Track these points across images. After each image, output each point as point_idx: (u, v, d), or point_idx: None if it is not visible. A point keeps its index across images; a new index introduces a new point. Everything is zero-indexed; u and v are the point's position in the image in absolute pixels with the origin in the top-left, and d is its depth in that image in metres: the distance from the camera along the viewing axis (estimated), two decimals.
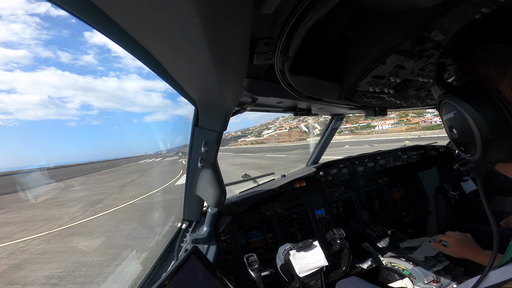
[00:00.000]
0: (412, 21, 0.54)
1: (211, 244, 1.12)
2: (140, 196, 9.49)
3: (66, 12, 0.33)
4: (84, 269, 3.85)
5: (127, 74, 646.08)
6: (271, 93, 0.84)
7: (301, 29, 0.43)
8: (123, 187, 13.12)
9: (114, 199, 9.71)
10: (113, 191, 12.07)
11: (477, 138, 0.34)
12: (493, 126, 0.33)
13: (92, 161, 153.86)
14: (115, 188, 13.09)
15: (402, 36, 0.58)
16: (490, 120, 0.33)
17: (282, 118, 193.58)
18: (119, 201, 9.23)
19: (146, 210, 7.46)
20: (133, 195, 10.03)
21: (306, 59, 0.71)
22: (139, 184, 13.83)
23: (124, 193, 11.17)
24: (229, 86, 0.57)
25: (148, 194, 9.83)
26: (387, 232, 1.71)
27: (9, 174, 56.92)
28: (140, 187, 12.71)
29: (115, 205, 8.48)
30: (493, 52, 0.36)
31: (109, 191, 12.24)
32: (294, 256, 1.04)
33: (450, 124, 0.39)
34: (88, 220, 7.01)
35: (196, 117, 0.85)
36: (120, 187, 13.25)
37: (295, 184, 1.68)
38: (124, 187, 13.09)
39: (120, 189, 12.34)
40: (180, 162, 28.33)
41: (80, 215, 7.77)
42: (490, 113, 0.33)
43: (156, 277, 1.01)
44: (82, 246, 5.02)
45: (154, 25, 0.35)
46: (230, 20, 0.34)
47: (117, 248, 4.52)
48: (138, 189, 11.99)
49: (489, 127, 0.33)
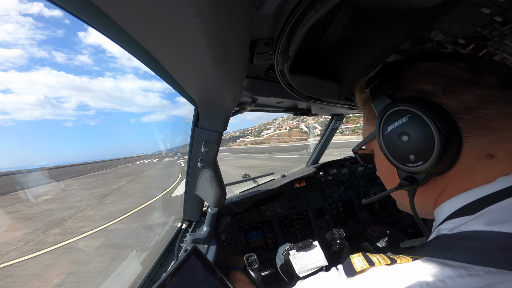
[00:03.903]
0: (412, 21, 0.54)
1: (211, 244, 1.12)
2: (120, 216, 6.55)
3: (60, 12, 0.33)
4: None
5: (123, 74, 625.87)
6: (271, 93, 0.84)
7: (301, 29, 0.43)
8: (104, 197, 10.33)
9: (83, 219, 7.01)
10: (89, 203, 9.32)
11: (436, 136, 0.35)
12: (448, 124, 0.35)
13: (88, 161, 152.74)
14: (94, 198, 10.41)
15: (402, 36, 0.58)
16: (444, 119, 0.35)
17: (281, 118, 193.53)
18: (89, 222, 6.49)
19: (122, 247, 4.42)
20: (112, 213, 7.21)
21: (306, 59, 0.71)
22: (126, 194, 10.84)
23: (101, 207, 8.44)
24: (229, 86, 0.57)
25: (132, 213, 6.86)
26: (387, 232, 1.71)
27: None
28: (125, 198, 9.70)
29: (79, 231, 5.75)
30: (429, 69, 0.39)
31: (84, 203, 9.53)
32: (294, 256, 1.04)
33: (402, 130, 0.39)
34: (10, 264, 4.11)
35: (196, 117, 0.85)
36: (101, 197, 10.50)
37: (295, 184, 1.68)
38: (106, 197, 10.28)
39: (99, 201, 9.57)
40: (178, 164, 26.04)
41: (15, 250, 4.91)
42: (441, 113, 0.35)
43: (156, 277, 1.01)
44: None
45: (154, 25, 0.35)
46: (230, 20, 0.34)
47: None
48: (122, 201, 9.01)
49: (447, 123, 0.35)
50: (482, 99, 0.35)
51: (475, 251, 0.28)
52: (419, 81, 0.40)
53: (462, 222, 0.33)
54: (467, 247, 0.29)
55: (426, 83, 0.39)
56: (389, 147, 0.41)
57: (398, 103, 0.39)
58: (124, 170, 27.86)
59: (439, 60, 0.39)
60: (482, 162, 0.35)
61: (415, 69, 0.41)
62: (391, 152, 0.41)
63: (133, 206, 7.66)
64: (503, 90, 0.35)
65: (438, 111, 0.36)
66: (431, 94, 0.38)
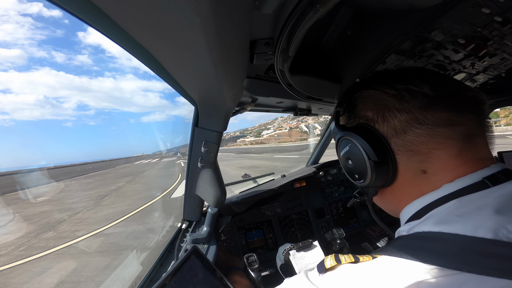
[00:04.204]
0: (412, 21, 0.54)
1: (211, 244, 1.12)
2: (117, 219, 6.34)
3: (59, 12, 0.33)
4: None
5: (123, 74, 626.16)
6: (271, 93, 0.84)
7: (301, 29, 0.43)
8: (102, 198, 10.01)
9: (78, 222, 6.71)
10: (85, 205, 9.04)
11: (367, 162, 0.42)
12: (376, 151, 0.41)
13: (88, 161, 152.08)
14: (91, 199, 10.08)
15: (402, 36, 0.58)
16: (374, 146, 0.41)
17: (281, 118, 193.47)
18: (84, 226, 6.20)
19: (117, 253, 4.11)
20: (109, 215, 6.96)
21: (306, 59, 0.71)
22: (124, 195, 10.51)
23: (98, 209, 8.15)
24: (229, 86, 0.57)
25: (130, 215, 6.68)
26: (387, 232, 1.70)
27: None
28: (123, 200, 9.38)
29: (73, 235, 5.47)
30: (369, 97, 0.45)
31: (80, 205, 9.24)
32: (294, 256, 1.04)
33: (347, 156, 0.47)
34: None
35: (196, 117, 0.85)
36: (98, 198, 10.19)
37: (295, 184, 1.68)
38: (103, 199, 9.96)
39: (96, 203, 9.26)
40: (178, 164, 25.71)
41: (4, 255, 4.65)
42: (373, 142, 0.42)
43: (156, 277, 1.01)
44: None
45: (154, 25, 0.35)
46: (230, 20, 0.34)
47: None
48: (120, 203, 8.71)
49: (373, 152, 0.41)
50: (406, 123, 0.40)
51: (424, 250, 0.32)
52: (364, 109, 0.46)
53: (414, 225, 0.37)
54: (419, 247, 0.33)
55: (367, 111, 0.45)
56: (343, 166, 0.51)
57: (344, 134, 0.46)
58: (123, 171, 27.44)
59: (375, 88, 0.44)
60: (419, 176, 0.41)
61: (361, 97, 0.47)
62: (345, 171, 0.50)
63: (130, 208, 7.47)
64: (422, 112, 0.39)
65: (371, 139, 0.42)
66: (370, 120, 0.44)
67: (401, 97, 0.40)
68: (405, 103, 0.40)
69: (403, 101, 0.40)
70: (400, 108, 0.40)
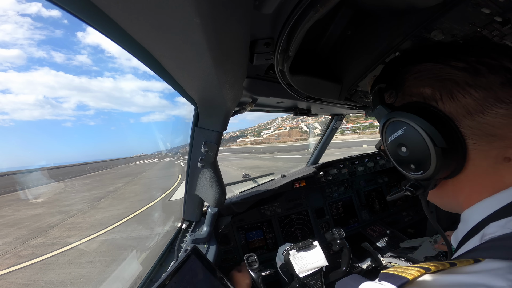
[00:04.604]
0: (412, 21, 0.54)
1: (211, 244, 1.12)
2: (112, 224, 5.89)
3: (59, 12, 0.33)
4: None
5: (122, 74, 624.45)
6: (271, 93, 0.84)
7: (301, 29, 0.43)
8: (98, 200, 9.60)
9: (70, 227, 6.23)
10: (80, 208, 8.60)
11: (431, 149, 0.34)
12: (443, 135, 0.34)
13: (88, 161, 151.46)
14: (87, 202, 9.68)
15: (402, 36, 0.58)
16: (440, 129, 0.34)
17: (281, 118, 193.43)
18: (76, 231, 5.73)
19: (111, 263, 3.74)
20: (104, 219, 6.55)
21: (306, 59, 0.71)
22: (121, 197, 10.07)
23: (94, 212, 7.70)
24: (229, 86, 0.57)
25: (128, 219, 6.25)
26: (387, 232, 1.71)
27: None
28: (120, 202, 8.94)
29: (64, 242, 5.03)
30: (426, 71, 0.38)
31: (75, 207, 8.80)
32: (294, 256, 1.04)
33: (400, 142, 0.38)
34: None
35: (196, 117, 0.85)
36: (94, 200, 9.75)
37: (295, 184, 1.68)
38: (100, 200, 9.56)
39: (92, 205, 8.85)
40: (178, 164, 25.43)
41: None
42: (438, 124, 0.34)
43: (156, 277, 1.01)
44: None
45: (154, 25, 0.34)
46: (230, 20, 0.34)
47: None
48: (117, 205, 8.29)
49: (441, 136, 0.34)
50: (483, 102, 0.33)
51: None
52: (417, 85, 0.39)
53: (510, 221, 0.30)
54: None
55: (424, 87, 0.38)
56: (392, 155, 0.42)
57: (394, 115, 0.38)
58: (122, 171, 27.05)
59: (435, 61, 0.38)
60: (502, 164, 0.33)
61: (412, 71, 0.40)
62: (395, 160, 0.42)
63: (127, 212, 6.99)
64: (505, 90, 0.32)
65: (435, 121, 0.34)
66: (430, 98, 0.37)
67: (476, 71, 0.34)
68: (482, 78, 0.33)
69: (479, 76, 0.33)
70: (474, 84, 0.33)
